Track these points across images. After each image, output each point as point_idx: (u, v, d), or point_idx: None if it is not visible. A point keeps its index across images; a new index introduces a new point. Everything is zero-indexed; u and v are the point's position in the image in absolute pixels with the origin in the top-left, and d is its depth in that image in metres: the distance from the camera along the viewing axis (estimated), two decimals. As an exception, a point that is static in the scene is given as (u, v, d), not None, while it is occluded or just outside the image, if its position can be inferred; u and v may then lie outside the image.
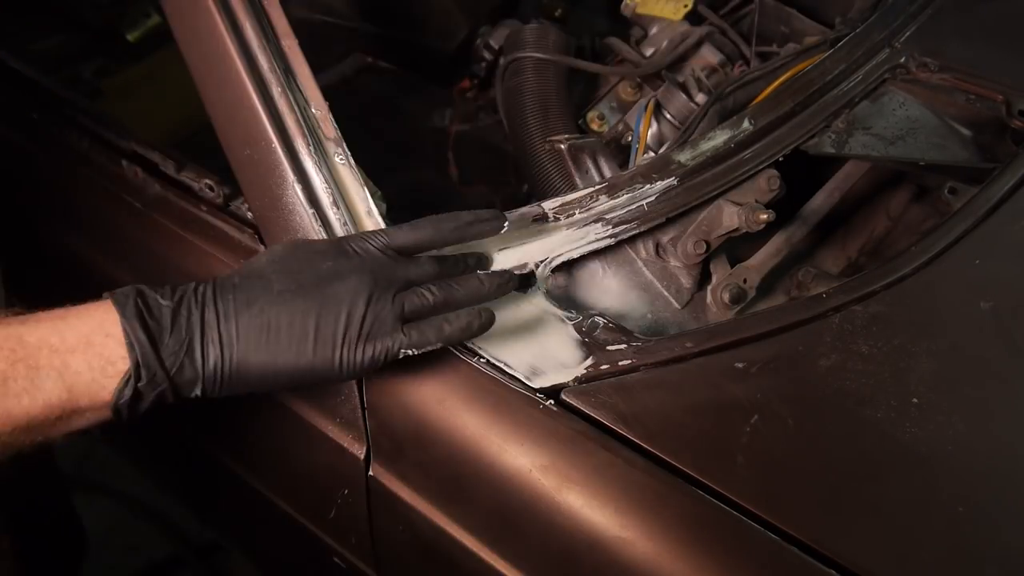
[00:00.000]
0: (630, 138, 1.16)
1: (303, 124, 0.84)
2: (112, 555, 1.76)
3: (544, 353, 0.78)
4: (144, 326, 0.64)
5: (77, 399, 0.63)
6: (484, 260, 0.80)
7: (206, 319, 0.66)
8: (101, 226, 1.08)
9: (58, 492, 1.34)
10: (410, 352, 0.70)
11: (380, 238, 0.72)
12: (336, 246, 0.71)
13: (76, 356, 0.63)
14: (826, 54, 1.03)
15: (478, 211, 0.76)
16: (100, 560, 1.54)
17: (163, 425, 1.20)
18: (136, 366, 0.63)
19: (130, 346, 0.63)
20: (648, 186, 0.87)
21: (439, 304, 0.72)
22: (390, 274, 0.71)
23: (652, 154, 1.13)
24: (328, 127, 0.85)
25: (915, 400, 0.74)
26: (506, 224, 0.78)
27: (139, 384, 0.64)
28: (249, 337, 0.66)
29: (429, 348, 0.71)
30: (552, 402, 0.75)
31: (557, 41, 1.19)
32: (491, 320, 0.74)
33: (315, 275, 0.68)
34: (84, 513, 1.42)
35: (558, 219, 0.85)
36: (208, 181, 0.96)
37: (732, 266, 0.92)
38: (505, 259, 0.83)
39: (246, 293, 0.67)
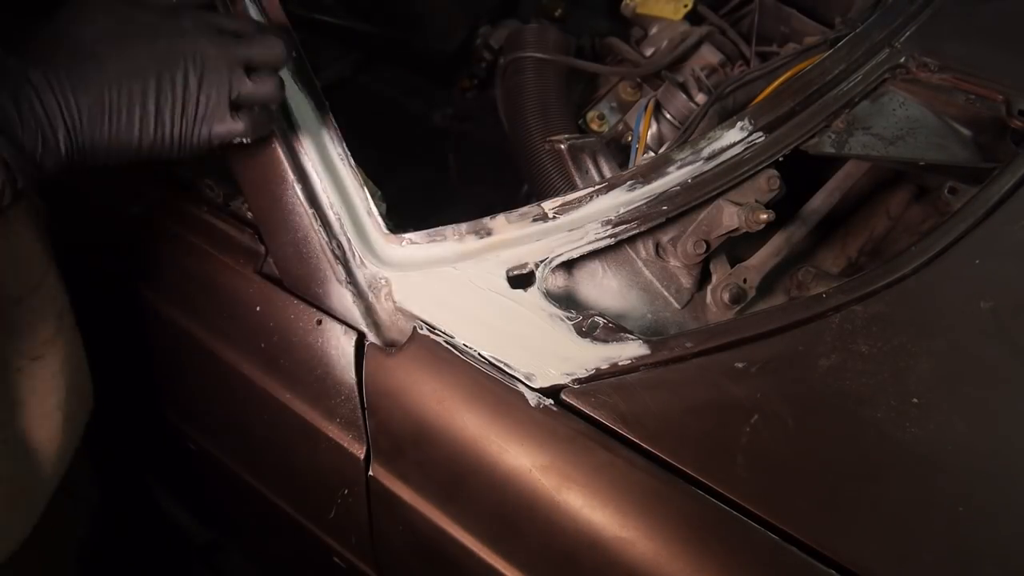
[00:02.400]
0: (630, 138, 1.15)
1: (303, 124, 0.84)
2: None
3: (544, 353, 0.78)
4: (5, 123, 0.62)
5: None
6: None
7: (48, 107, 0.64)
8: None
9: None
10: (244, 140, 0.73)
11: (212, 18, 0.72)
12: (169, 18, 0.70)
13: None
14: (826, 54, 1.03)
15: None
16: (100, 560, 1.54)
17: (163, 425, 1.21)
18: (6, 168, 0.63)
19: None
20: (647, 186, 0.87)
21: (269, 96, 0.73)
22: (224, 53, 0.70)
23: (652, 154, 1.13)
24: (328, 127, 0.85)
25: (915, 400, 0.74)
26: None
27: (16, 186, 0.64)
28: (92, 120, 0.66)
29: (262, 133, 0.74)
30: (552, 402, 0.75)
31: (557, 41, 1.19)
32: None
33: (150, 50, 0.67)
34: (84, 513, 1.42)
35: (558, 219, 0.85)
36: (208, 181, 0.97)
37: (732, 266, 0.92)
38: (505, 258, 0.83)
39: (81, 75, 0.65)
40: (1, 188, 0.63)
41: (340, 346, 0.84)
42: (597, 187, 0.87)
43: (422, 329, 0.81)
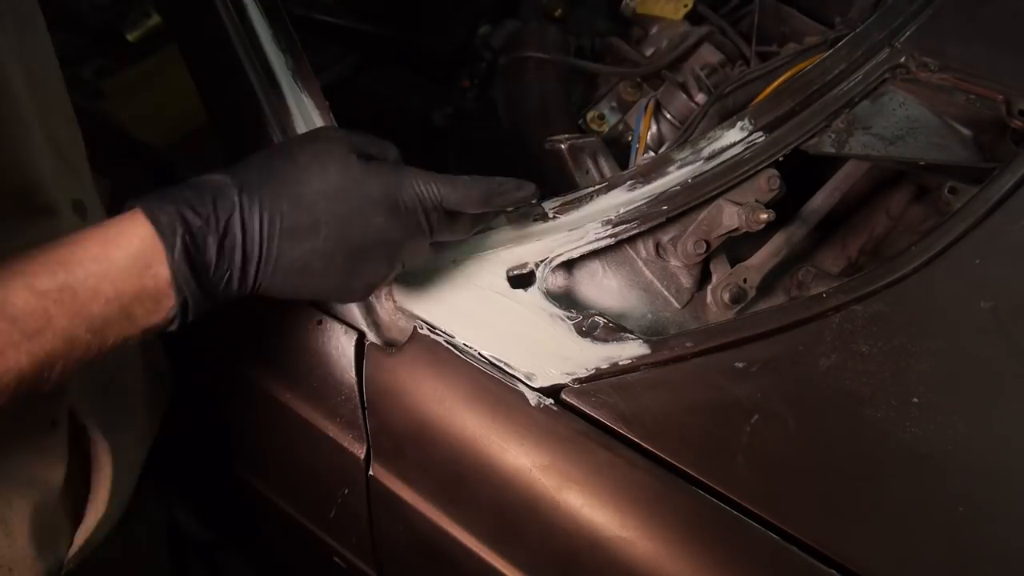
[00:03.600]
0: (630, 138, 1.16)
1: (304, 124, 0.84)
2: (112, 555, 1.76)
3: (544, 353, 0.78)
4: (191, 265, 0.61)
5: (129, 334, 0.61)
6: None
7: (248, 252, 0.63)
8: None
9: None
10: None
11: (433, 197, 0.70)
12: (390, 200, 0.68)
13: (134, 302, 0.60)
14: (826, 54, 1.03)
15: (518, 181, 0.78)
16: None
17: (162, 425, 1.20)
18: (183, 309, 0.62)
19: (178, 290, 0.61)
20: (648, 186, 0.87)
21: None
22: (426, 237, 0.71)
23: (652, 154, 1.13)
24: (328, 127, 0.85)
25: (915, 400, 0.74)
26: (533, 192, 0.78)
27: (186, 320, 0.63)
28: (284, 272, 0.65)
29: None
30: (552, 402, 0.75)
31: (557, 41, 1.19)
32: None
33: (362, 234, 0.67)
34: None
35: (558, 219, 0.85)
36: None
37: (732, 266, 0.92)
38: (505, 258, 0.83)
39: (292, 231, 0.64)
40: (170, 321, 0.62)
41: (340, 346, 0.84)
42: (597, 187, 0.87)
43: (422, 329, 0.81)
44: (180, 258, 0.60)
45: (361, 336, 0.83)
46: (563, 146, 1.04)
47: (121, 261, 0.59)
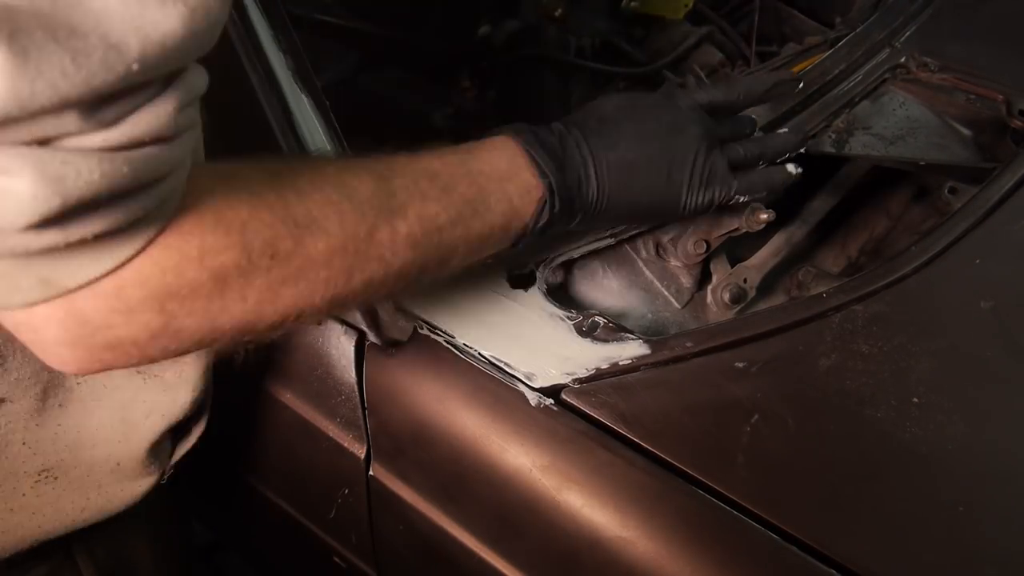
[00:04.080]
0: (630, 138, 1.15)
1: (304, 124, 0.84)
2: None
3: (544, 353, 0.78)
4: (552, 156, 0.69)
5: (509, 222, 0.68)
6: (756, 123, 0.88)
7: (583, 155, 0.71)
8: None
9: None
10: (740, 199, 0.79)
11: (702, 95, 0.79)
12: (668, 100, 0.78)
13: (510, 183, 0.67)
14: (826, 54, 1.03)
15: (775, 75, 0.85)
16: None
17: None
18: (551, 192, 0.69)
19: (542, 175, 0.69)
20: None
21: (752, 158, 0.81)
22: (714, 128, 0.78)
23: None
24: (328, 127, 0.85)
25: (915, 400, 0.74)
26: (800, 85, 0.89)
27: (553, 211, 0.69)
28: (614, 176, 0.72)
29: (756, 195, 0.80)
30: (552, 402, 0.75)
31: (557, 41, 1.19)
32: (790, 176, 0.83)
33: (658, 125, 0.75)
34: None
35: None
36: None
37: (732, 266, 0.92)
38: (505, 258, 0.83)
39: (609, 136, 0.73)
40: (540, 209, 0.69)
41: (340, 346, 0.84)
42: (597, 187, 0.87)
43: (422, 329, 0.81)
44: (537, 148, 0.69)
45: (361, 336, 0.83)
46: (563, 146, 1.04)
47: (491, 151, 0.69)
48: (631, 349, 0.77)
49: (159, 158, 0.45)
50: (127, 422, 0.76)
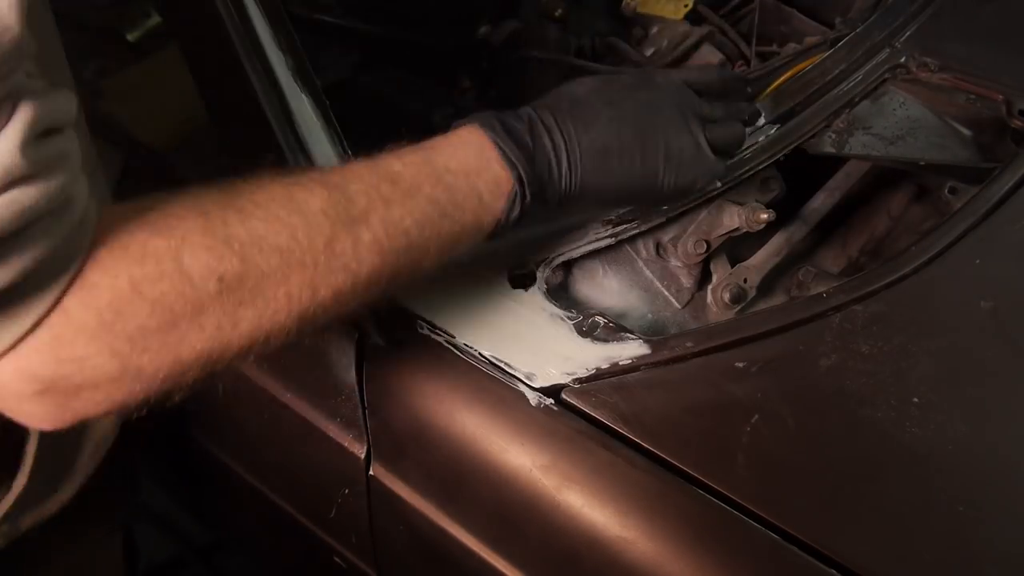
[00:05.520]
0: (630, 138, 1.15)
1: (304, 124, 0.84)
2: (112, 555, 1.76)
3: (544, 352, 0.78)
4: (521, 146, 0.67)
5: (480, 218, 0.66)
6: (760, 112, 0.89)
7: (555, 142, 0.69)
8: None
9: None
10: (717, 184, 0.80)
11: (678, 74, 0.79)
12: (645, 79, 0.77)
13: (478, 178, 0.66)
14: (826, 54, 1.03)
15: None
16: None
17: (162, 425, 1.20)
18: (520, 183, 0.67)
19: (511, 165, 0.67)
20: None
21: (732, 143, 0.79)
22: (698, 107, 0.76)
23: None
24: (328, 127, 0.85)
25: (915, 400, 0.74)
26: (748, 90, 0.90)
27: (524, 202, 0.68)
28: (587, 160, 0.70)
29: (731, 154, 0.80)
30: (553, 401, 0.75)
31: (557, 41, 1.19)
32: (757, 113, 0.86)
33: (634, 105, 0.73)
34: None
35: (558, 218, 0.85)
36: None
37: (732, 266, 0.92)
38: (505, 258, 0.83)
39: (582, 120, 0.71)
40: (511, 202, 0.67)
41: (341, 345, 0.84)
42: (597, 187, 0.87)
43: (422, 328, 0.81)
44: (505, 138, 0.67)
45: (361, 336, 0.83)
46: (563, 146, 1.04)
47: (457, 145, 0.67)
48: (631, 349, 0.77)
49: (19, 201, 0.41)
50: None
